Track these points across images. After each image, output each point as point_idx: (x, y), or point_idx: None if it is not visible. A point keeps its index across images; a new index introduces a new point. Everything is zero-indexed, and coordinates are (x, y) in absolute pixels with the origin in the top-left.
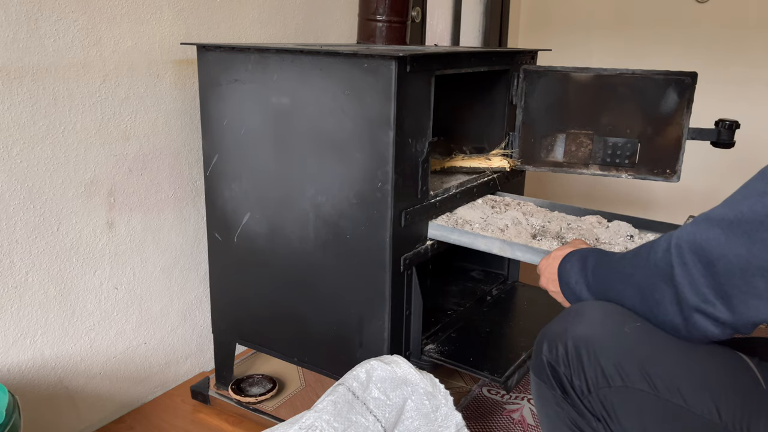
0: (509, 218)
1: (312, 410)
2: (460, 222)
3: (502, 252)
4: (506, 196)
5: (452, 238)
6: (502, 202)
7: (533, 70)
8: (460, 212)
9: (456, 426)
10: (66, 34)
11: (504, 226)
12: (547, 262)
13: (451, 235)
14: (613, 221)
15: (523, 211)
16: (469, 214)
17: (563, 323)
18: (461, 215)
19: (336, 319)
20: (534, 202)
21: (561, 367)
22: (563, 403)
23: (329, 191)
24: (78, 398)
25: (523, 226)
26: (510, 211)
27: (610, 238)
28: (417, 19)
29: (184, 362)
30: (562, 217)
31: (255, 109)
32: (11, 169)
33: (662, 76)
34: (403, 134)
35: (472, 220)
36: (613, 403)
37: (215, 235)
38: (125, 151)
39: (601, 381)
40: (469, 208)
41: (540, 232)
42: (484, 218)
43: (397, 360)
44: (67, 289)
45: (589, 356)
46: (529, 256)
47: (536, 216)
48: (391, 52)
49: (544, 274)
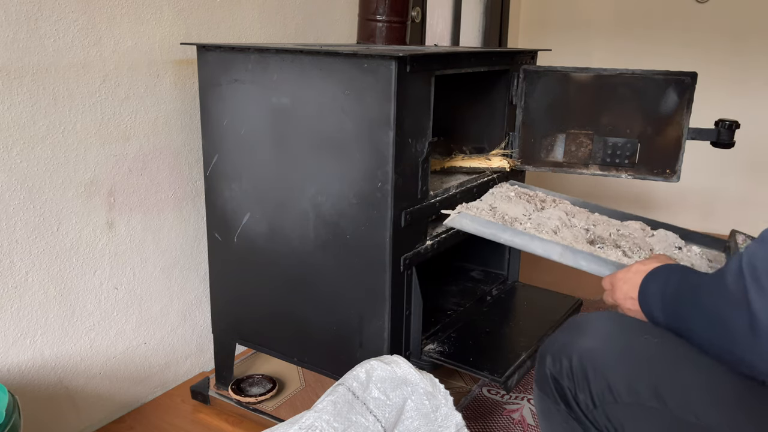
0: (556, 218)
1: (312, 410)
2: (508, 219)
3: (562, 259)
4: (536, 189)
5: (503, 238)
6: (536, 198)
7: (533, 70)
8: (500, 206)
9: (456, 426)
10: (66, 34)
11: (555, 227)
12: (626, 276)
13: (502, 234)
14: (657, 229)
15: (565, 211)
16: (510, 209)
17: (568, 335)
18: (502, 210)
19: (336, 319)
20: (568, 199)
21: (565, 380)
22: (567, 417)
23: (329, 191)
24: (78, 398)
25: (576, 230)
26: (550, 209)
27: (664, 249)
28: (417, 19)
29: (184, 362)
30: (606, 220)
31: (255, 109)
32: (11, 169)
33: (662, 76)
34: (403, 134)
35: (517, 217)
36: (620, 419)
37: (215, 235)
38: (125, 151)
39: (608, 396)
40: (504, 201)
41: (597, 239)
42: (528, 215)
43: (397, 360)
44: (67, 289)
45: (595, 371)
46: (596, 267)
47: (578, 217)
48: (391, 52)
49: (621, 289)
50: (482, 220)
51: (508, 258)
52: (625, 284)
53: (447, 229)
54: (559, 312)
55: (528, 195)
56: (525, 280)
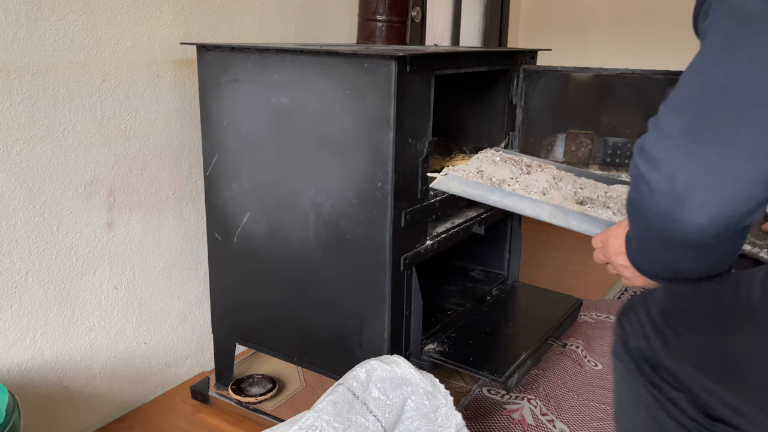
0: (543, 181)
1: (312, 410)
2: (495, 181)
3: (552, 219)
4: (521, 155)
5: (491, 199)
6: (521, 162)
7: (533, 70)
8: (486, 169)
9: (456, 426)
10: (66, 34)
11: (543, 189)
12: (617, 231)
13: (490, 196)
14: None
15: (552, 174)
16: (497, 172)
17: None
18: (489, 173)
19: (336, 319)
20: (553, 164)
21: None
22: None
23: (329, 191)
24: (78, 398)
25: (565, 192)
26: (536, 173)
27: None
28: (417, 19)
29: (184, 362)
30: (593, 183)
31: (255, 108)
32: (11, 169)
33: (662, 76)
34: (403, 134)
35: (504, 179)
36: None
37: (215, 235)
38: (125, 151)
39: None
40: (491, 164)
41: (586, 200)
42: (515, 178)
43: (397, 360)
44: (67, 289)
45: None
46: (586, 227)
47: (565, 180)
48: (391, 52)
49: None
50: (470, 181)
51: (508, 258)
52: (617, 239)
53: (447, 228)
54: (559, 312)
55: (513, 160)
56: (525, 280)
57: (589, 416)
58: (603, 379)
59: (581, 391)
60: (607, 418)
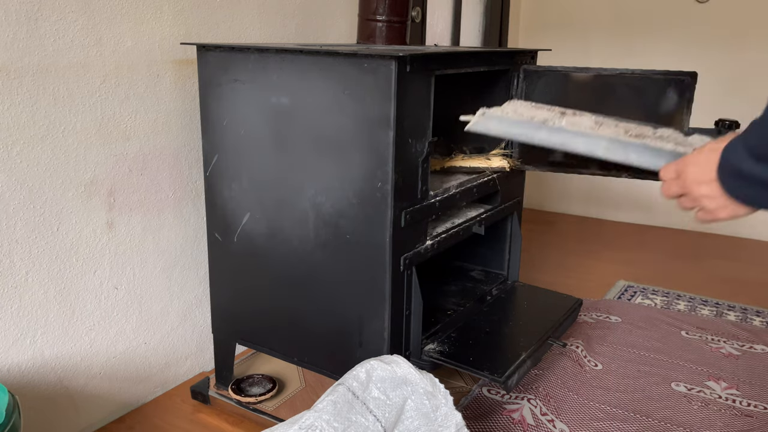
0: (588, 120)
1: (312, 410)
2: (537, 121)
3: (608, 153)
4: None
5: (538, 137)
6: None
7: (533, 70)
8: (524, 111)
9: (456, 426)
10: (66, 34)
11: (590, 127)
12: (698, 158)
13: (536, 134)
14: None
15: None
16: (536, 114)
17: None
18: (528, 114)
19: (336, 319)
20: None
21: None
22: None
23: (329, 191)
24: (78, 398)
25: (615, 129)
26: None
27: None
28: (417, 19)
29: (184, 362)
30: (638, 125)
31: (255, 109)
32: (11, 169)
33: (662, 76)
34: (403, 134)
35: (547, 119)
36: None
37: (215, 235)
38: (125, 151)
39: None
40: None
41: (639, 135)
42: (556, 119)
43: (397, 360)
44: (67, 289)
45: None
46: (649, 159)
47: (607, 124)
48: (391, 52)
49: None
50: (511, 120)
51: (508, 258)
52: (697, 167)
53: (447, 228)
54: (559, 312)
55: (545, 108)
56: (525, 280)
57: (589, 416)
58: (603, 379)
59: (581, 391)
60: (607, 418)
